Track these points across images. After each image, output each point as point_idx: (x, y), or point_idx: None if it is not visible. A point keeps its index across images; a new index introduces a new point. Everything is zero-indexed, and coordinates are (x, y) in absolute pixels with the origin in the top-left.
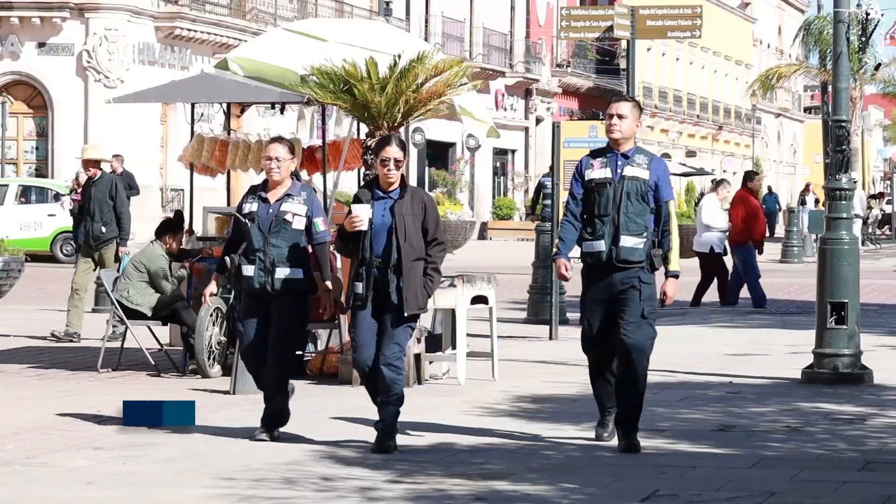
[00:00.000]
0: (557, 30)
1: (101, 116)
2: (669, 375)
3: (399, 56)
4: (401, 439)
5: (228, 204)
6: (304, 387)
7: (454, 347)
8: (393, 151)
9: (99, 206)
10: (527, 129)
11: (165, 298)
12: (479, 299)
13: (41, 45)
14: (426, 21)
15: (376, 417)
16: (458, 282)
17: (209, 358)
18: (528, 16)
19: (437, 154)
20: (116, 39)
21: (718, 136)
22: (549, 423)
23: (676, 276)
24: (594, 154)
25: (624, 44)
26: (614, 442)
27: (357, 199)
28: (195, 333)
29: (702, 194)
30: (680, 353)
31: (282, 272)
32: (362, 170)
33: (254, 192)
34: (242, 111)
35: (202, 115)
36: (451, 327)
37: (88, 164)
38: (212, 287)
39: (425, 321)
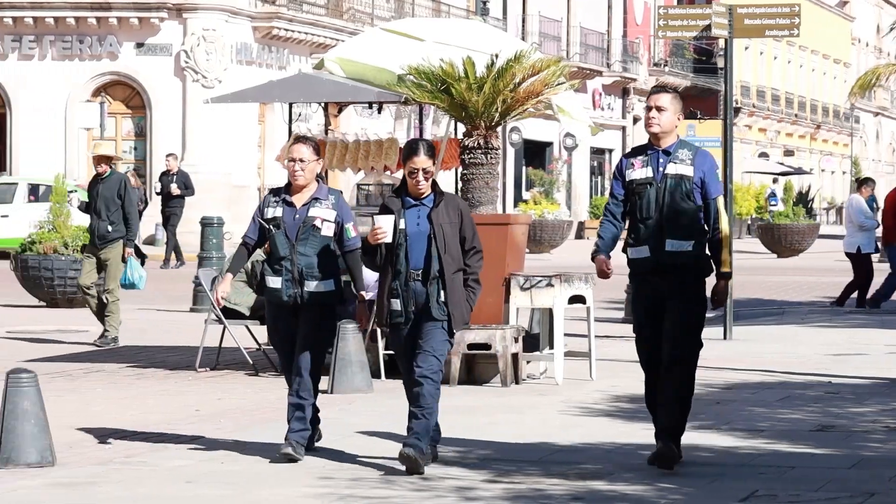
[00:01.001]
0: (654, 29)
1: (198, 116)
2: (768, 375)
3: (496, 55)
4: (499, 436)
5: None
6: (401, 386)
7: (552, 347)
8: (420, 161)
9: (106, 204)
10: (623, 129)
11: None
12: (577, 299)
13: (139, 45)
14: (523, 20)
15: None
16: (555, 281)
17: None
18: (625, 15)
19: (535, 153)
20: (214, 39)
21: (816, 135)
22: (647, 422)
23: (728, 278)
24: (634, 152)
25: (721, 43)
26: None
27: (385, 209)
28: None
29: (802, 194)
30: (778, 352)
31: (312, 283)
32: (460, 169)
33: (276, 194)
34: (340, 111)
35: (300, 114)
36: (549, 327)
37: (100, 160)
38: (225, 287)
39: (523, 321)
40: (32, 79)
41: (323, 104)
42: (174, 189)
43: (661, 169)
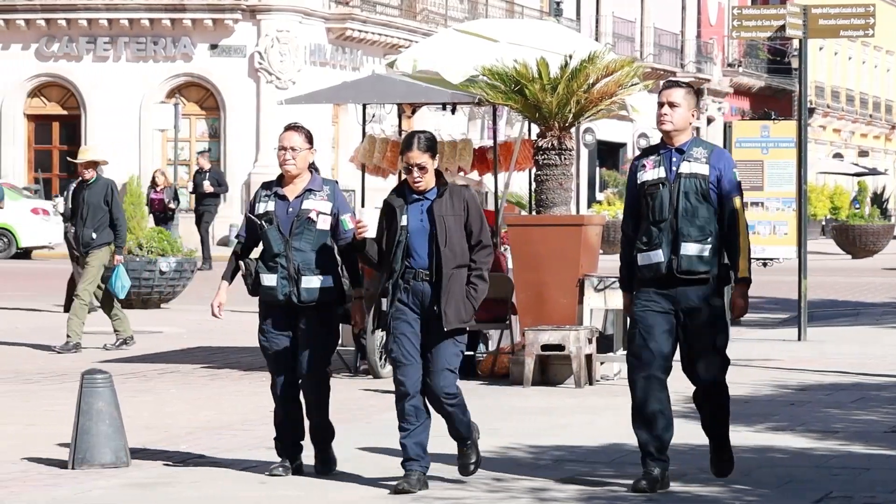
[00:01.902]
0: (729, 29)
1: (272, 117)
2: (842, 376)
3: (570, 56)
4: (572, 437)
5: None
6: (474, 387)
7: (625, 348)
8: (415, 156)
9: (92, 210)
10: (698, 129)
11: None
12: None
13: (213, 46)
14: (597, 21)
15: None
16: None
17: (380, 358)
18: (699, 15)
19: (608, 154)
20: (288, 41)
21: (892, 135)
22: None
23: (747, 285)
24: (645, 153)
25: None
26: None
27: (387, 206)
28: (367, 334)
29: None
30: (853, 353)
31: (309, 281)
32: (533, 170)
33: (268, 188)
34: (413, 112)
35: (373, 115)
36: (623, 328)
37: (87, 166)
38: (221, 297)
39: (597, 322)
40: (107, 80)
41: (396, 105)
42: (207, 186)
43: (674, 168)
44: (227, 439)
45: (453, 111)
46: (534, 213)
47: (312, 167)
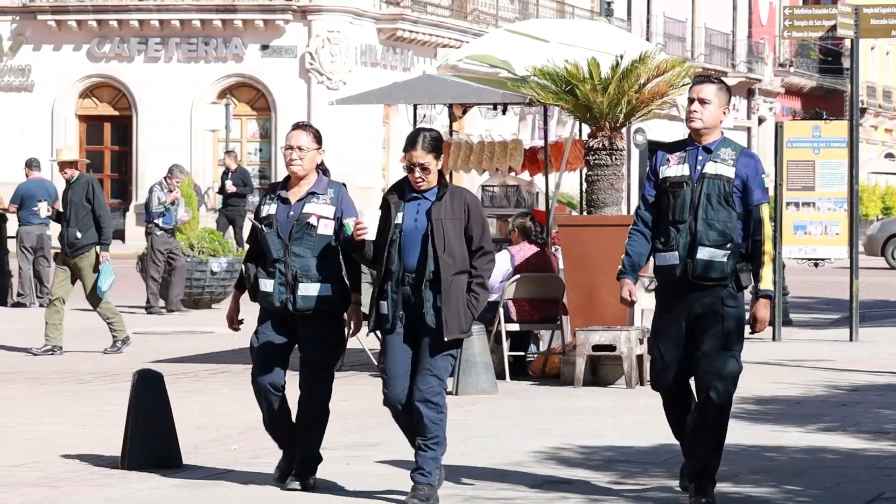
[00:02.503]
0: (780, 29)
1: (323, 118)
2: (894, 377)
3: (621, 56)
4: (624, 437)
5: None
6: (525, 388)
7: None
8: (418, 156)
9: (75, 210)
10: (749, 130)
11: None
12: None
13: (264, 47)
14: (647, 21)
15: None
16: None
17: None
18: (750, 15)
19: None
20: (339, 41)
21: None
22: (772, 424)
23: (770, 297)
24: (671, 147)
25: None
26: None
27: (385, 203)
28: None
29: None
30: None
31: (306, 288)
32: (584, 170)
33: (273, 190)
34: (464, 112)
35: (424, 116)
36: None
37: (64, 165)
38: (232, 309)
39: (648, 321)
40: (158, 81)
41: (447, 105)
42: (229, 186)
43: (699, 167)
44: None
45: (504, 111)
46: (584, 213)
47: (321, 168)
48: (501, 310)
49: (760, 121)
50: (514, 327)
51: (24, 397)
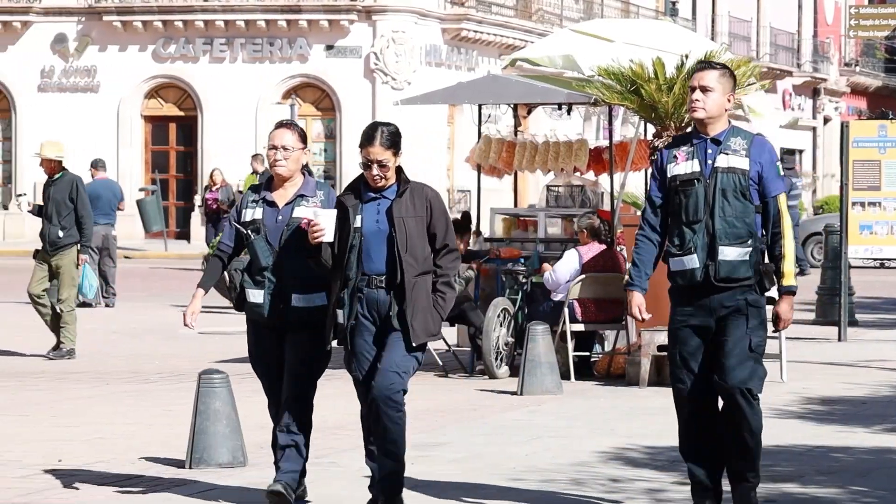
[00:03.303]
0: (845, 28)
1: (387, 118)
2: None
3: (686, 56)
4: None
5: (515, 205)
6: (590, 388)
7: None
8: (375, 152)
9: (57, 208)
10: (814, 129)
11: None
12: (768, 301)
13: (329, 47)
14: (713, 20)
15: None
16: None
17: (496, 358)
18: (815, 14)
19: None
20: (404, 41)
21: None
22: (839, 425)
23: (792, 293)
24: (676, 142)
25: None
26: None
27: (340, 205)
28: (483, 334)
29: None
30: None
31: (299, 299)
32: (649, 170)
33: (256, 191)
34: (529, 112)
35: (489, 116)
36: None
37: (47, 162)
38: (194, 305)
39: None
40: (223, 81)
41: (512, 105)
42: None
43: (709, 161)
44: (342, 439)
45: (569, 111)
46: None
47: (306, 170)
48: (566, 310)
49: (826, 120)
50: (579, 327)
51: (91, 397)
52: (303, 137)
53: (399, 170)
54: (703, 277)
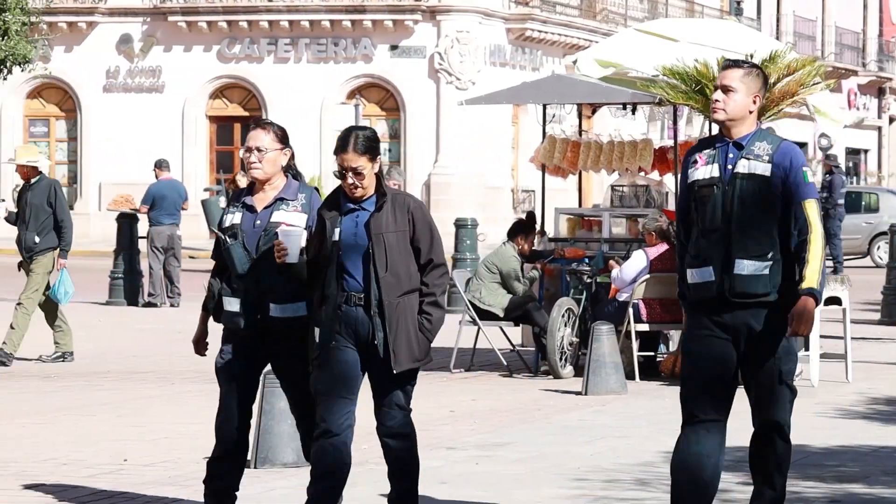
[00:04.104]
0: None
1: (452, 118)
2: None
3: (751, 56)
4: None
5: (580, 205)
6: (655, 388)
7: (807, 349)
8: (350, 159)
9: (35, 213)
10: (879, 129)
11: (517, 299)
12: (833, 300)
13: (394, 47)
14: (777, 20)
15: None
16: None
17: (561, 358)
18: (880, 14)
19: None
20: (468, 41)
21: None
22: None
23: (814, 296)
24: (702, 144)
25: None
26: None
27: (320, 219)
28: (547, 334)
29: None
30: None
31: (276, 308)
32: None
33: (239, 197)
34: (594, 112)
35: (553, 116)
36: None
37: (21, 168)
38: (199, 332)
39: None
40: (288, 81)
41: (577, 105)
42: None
43: (729, 166)
44: None
45: (634, 111)
46: None
47: (292, 171)
48: (631, 310)
49: (891, 120)
50: (644, 327)
51: (157, 397)
52: (280, 137)
53: (379, 179)
54: (718, 291)
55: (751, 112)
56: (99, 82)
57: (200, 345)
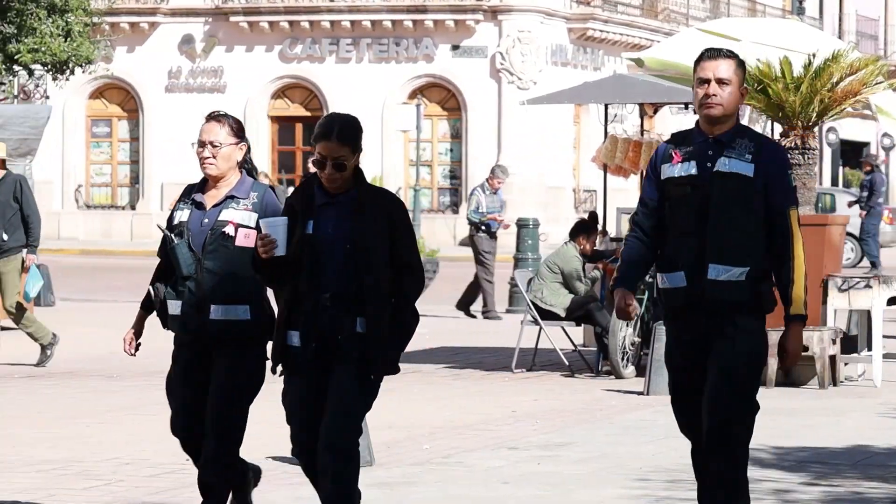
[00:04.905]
0: None
1: (513, 118)
2: None
3: (813, 55)
4: (816, 438)
5: None
6: None
7: (870, 349)
8: (332, 148)
9: (1, 210)
10: None
11: (579, 299)
12: (895, 300)
13: (455, 47)
14: (840, 19)
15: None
16: (873, 283)
17: (623, 358)
18: None
19: (851, 153)
20: (529, 41)
21: None
22: None
23: (801, 322)
24: (675, 140)
25: None
26: None
27: (290, 210)
28: (609, 334)
29: None
30: None
31: (218, 311)
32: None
33: (189, 194)
34: (655, 111)
35: (615, 115)
36: (867, 329)
37: None
38: (130, 333)
39: (841, 322)
40: (349, 81)
41: (638, 105)
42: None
43: (709, 164)
44: (469, 439)
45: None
46: None
47: (248, 167)
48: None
49: None
50: None
51: None
52: (236, 131)
53: (359, 172)
54: (688, 298)
55: (738, 107)
56: (161, 83)
57: (129, 342)
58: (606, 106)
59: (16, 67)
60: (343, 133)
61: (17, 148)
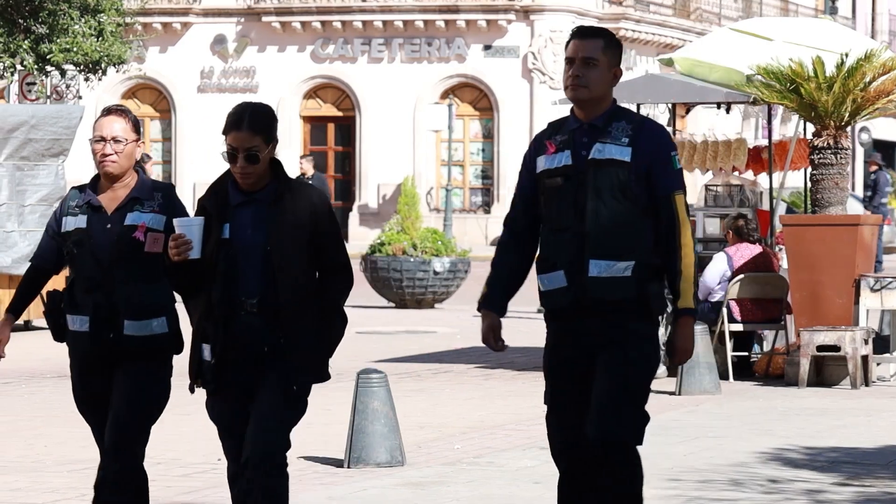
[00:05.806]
0: None
1: (546, 118)
2: None
3: (846, 55)
4: (848, 438)
5: None
6: (749, 388)
7: (892, 350)
8: (242, 139)
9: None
10: None
11: None
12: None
13: (487, 47)
14: (872, 19)
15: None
16: None
17: None
18: None
19: (884, 153)
20: (561, 41)
21: None
22: None
23: (691, 316)
24: (551, 128)
25: None
26: None
27: (203, 211)
28: None
29: None
30: None
31: (132, 325)
32: (809, 170)
33: (78, 195)
34: (688, 111)
35: (647, 115)
36: None
37: None
38: (2, 333)
39: (873, 322)
40: (381, 81)
41: (670, 105)
42: None
43: (584, 152)
44: (500, 439)
45: (728, 110)
46: (809, 212)
47: (139, 167)
48: (725, 310)
49: None
50: (738, 327)
51: None
52: (136, 126)
53: (277, 165)
54: (571, 299)
55: (610, 88)
56: (193, 83)
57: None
58: (638, 106)
59: (48, 67)
60: (254, 121)
61: (49, 148)
